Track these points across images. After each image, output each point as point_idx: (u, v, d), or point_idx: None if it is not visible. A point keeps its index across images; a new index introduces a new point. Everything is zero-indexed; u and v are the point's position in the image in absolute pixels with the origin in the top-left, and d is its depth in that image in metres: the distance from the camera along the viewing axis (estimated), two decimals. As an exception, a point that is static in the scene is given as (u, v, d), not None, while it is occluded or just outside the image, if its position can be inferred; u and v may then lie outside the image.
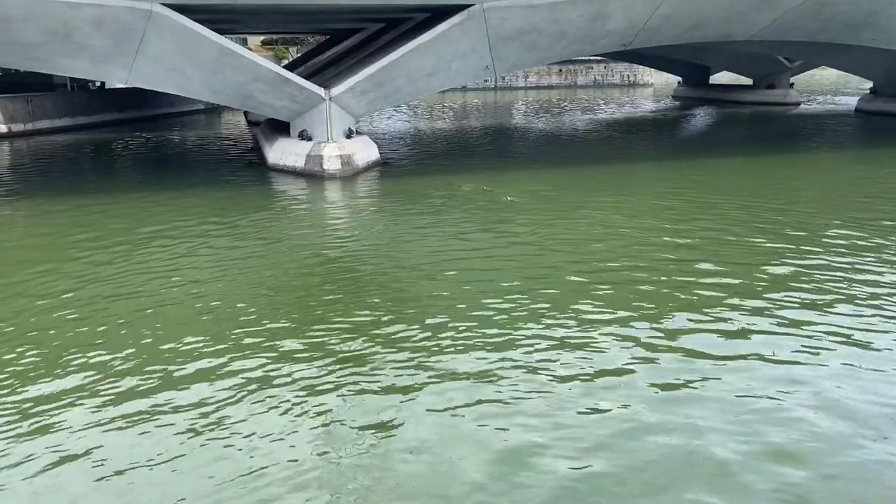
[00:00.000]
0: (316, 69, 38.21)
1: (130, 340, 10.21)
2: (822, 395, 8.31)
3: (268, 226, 17.91)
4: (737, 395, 8.32)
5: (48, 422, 8.00)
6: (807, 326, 10.36)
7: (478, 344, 9.89)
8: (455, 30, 24.16)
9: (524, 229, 16.83)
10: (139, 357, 9.65)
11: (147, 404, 8.36)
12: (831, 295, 11.63)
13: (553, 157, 29.71)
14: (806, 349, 9.61)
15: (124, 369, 9.28)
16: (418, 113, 52.48)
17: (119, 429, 7.82)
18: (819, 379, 8.73)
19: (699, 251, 14.47)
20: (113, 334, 10.48)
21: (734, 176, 24.02)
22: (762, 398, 8.25)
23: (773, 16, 28.11)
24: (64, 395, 8.63)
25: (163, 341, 10.18)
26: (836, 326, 10.33)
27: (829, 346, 9.68)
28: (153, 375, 9.09)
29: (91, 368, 9.31)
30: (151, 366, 9.36)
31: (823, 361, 9.24)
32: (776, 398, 8.25)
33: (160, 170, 28.22)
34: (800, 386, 8.55)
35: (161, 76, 23.44)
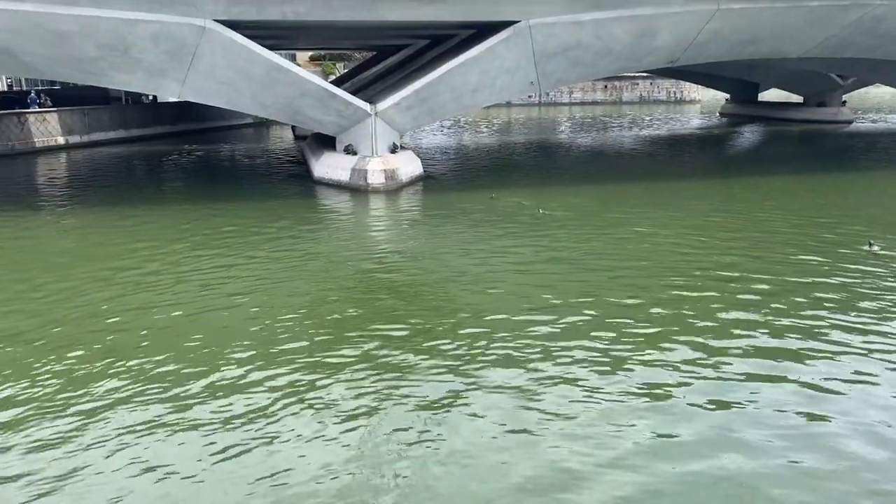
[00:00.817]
0: (362, 85, 38.72)
1: (174, 346, 10.42)
2: (864, 422, 8.05)
3: (312, 238, 18.16)
4: (776, 410, 8.13)
5: (94, 422, 8.20)
6: (856, 348, 10.07)
7: (516, 357, 9.83)
8: (500, 46, 24.25)
9: (566, 244, 16.72)
10: (181, 363, 9.84)
11: (185, 409, 8.50)
12: (882, 315, 11.28)
13: (597, 172, 29.52)
14: (853, 372, 9.33)
15: (165, 375, 9.47)
16: (462, 128, 52.71)
17: (160, 433, 7.98)
18: (863, 405, 8.47)
19: (745, 269, 14.17)
20: (157, 340, 10.70)
21: (783, 194, 23.52)
22: (801, 419, 8.04)
23: (827, 33, 27.56)
24: (108, 397, 8.84)
25: (204, 348, 10.36)
26: (885, 351, 10.01)
27: (879, 371, 9.39)
28: (193, 381, 9.25)
29: (133, 374, 9.52)
30: (192, 371, 9.53)
31: (869, 388, 8.95)
32: (816, 419, 8.04)
33: (209, 181, 28.85)
34: (840, 408, 8.31)
35: (212, 90, 24.02)
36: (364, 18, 23.61)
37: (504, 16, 23.71)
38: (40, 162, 34.37)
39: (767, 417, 8.17)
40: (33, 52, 21.84)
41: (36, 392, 9.03)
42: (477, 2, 23.04)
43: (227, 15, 21.65)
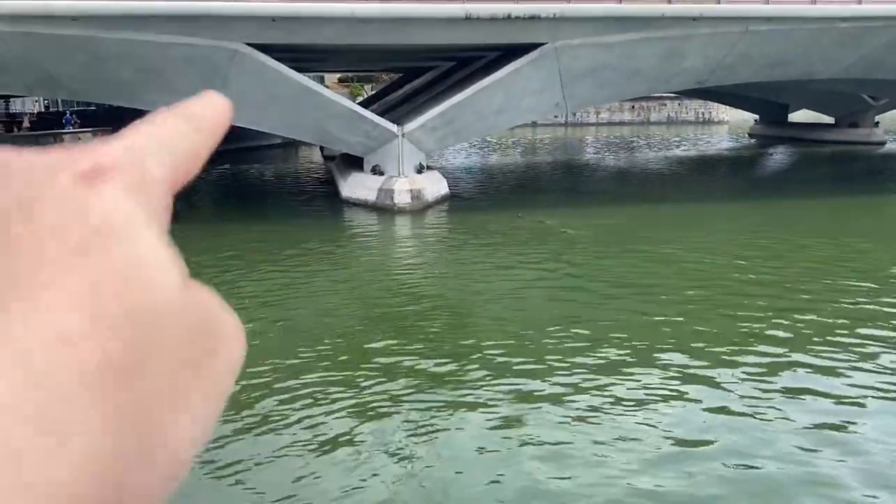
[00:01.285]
0: (389, 106, 39.07)
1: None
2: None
3: (338, 257, 18.28)
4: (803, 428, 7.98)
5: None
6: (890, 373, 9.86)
7: (539, 373, 9.77)
8: (526, 68, 24.36)
9: (591, 265, 16.63)
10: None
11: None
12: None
13: (625, 193, 29.35)
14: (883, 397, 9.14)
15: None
16: (488, 148, 52.84)
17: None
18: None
19: (774, 288, 13.97)
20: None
21: (815, 215, 23.19)
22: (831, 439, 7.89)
23: (858, 54, 27.28)
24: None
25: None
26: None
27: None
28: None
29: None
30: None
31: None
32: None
33: (239, 200, 29.21)
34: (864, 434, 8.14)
35: (243, 112, 24.38)
36: (393, 41, 23.90)
37: (531, 38, 23.83)
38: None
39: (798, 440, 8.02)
40: (72, 74, 22.43)
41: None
42: (504, 24, 23.20)
43: (259, 38, 22.05)
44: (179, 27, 21.23)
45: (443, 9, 22.94)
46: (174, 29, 21.23)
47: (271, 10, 21.69)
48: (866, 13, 25.33)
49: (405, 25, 23.00)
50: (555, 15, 23.16)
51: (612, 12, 23.79)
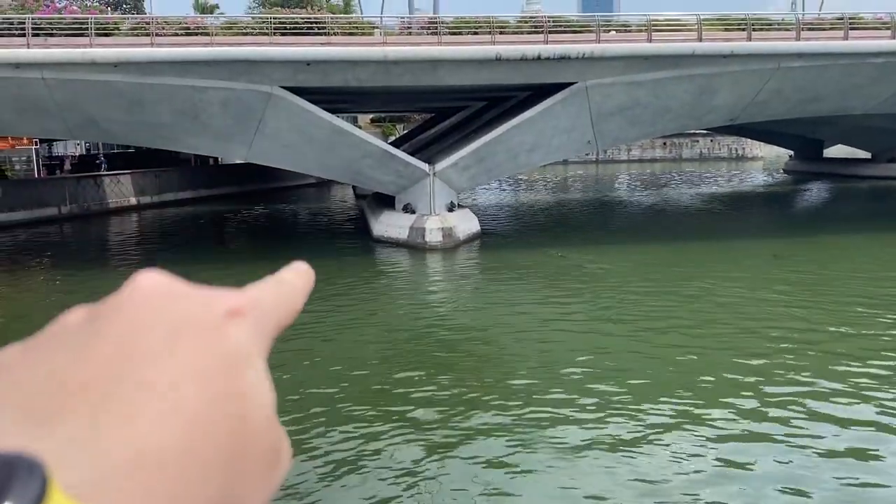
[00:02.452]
0: (420, 145, 39.48)
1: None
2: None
3: (367, 294, 18.33)
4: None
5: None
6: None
7: (579, 428, 9.62)
8: (557, 107, 24.50)
9: (624, 304, 16.44)
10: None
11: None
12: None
13: (657, 231, 29.09)
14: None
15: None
16: (519, 186, 52.98)
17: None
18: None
19: (811, 323, 13.65)
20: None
21: (853, 253, 22.70)
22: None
23: (893, 89, 26.97)
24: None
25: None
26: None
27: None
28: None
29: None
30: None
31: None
32: None
33: (273, 239, 29.58)
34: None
35: (277, 153, 24.88)
36: (424, 83, 24.27)
37: (562, 77, 24.02)
38: (113, 222, 35.90)
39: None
40: (113, 118, 23.11)
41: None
42: (534, 65, 23.44)
43: (293, 82, 22.55)
44: (217, 72, 21.83)
45: (474, 51, 23.28)
46: (212, 73, 21.83)
47: (306, 54, 22.21)
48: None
49: (436, 68, 23.36)
50: (584, 55, 23.35)
51: (641, 51, 23.92)
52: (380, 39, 23.91)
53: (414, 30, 25.94)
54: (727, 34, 25.24)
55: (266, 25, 23.27)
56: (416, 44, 23.65)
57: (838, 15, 27.14)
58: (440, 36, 23.80)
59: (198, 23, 24.32)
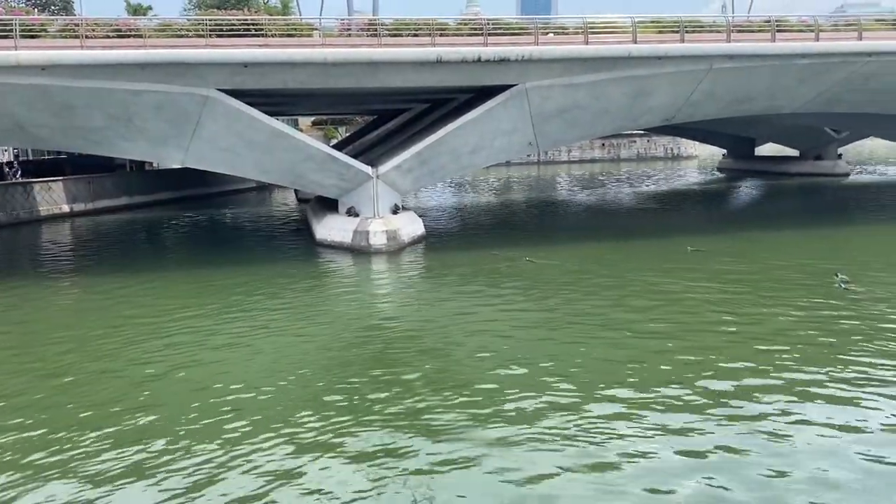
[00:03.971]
0: (363, 148, 39.28)
1: (153, 421, 10.25)
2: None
3: (311, 299, 18.12)
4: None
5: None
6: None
7: (517, 427, 9.69)
8: (498, 109, 24.69)
9: (565, 303, 16.66)
10: (169, 430, 9.69)
11: (159, 483, 8.33)
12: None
13: (598, 229, 29.62)
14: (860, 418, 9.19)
15: (143, 457, 9.28)
16: (463, 188, 53.23)
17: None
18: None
19: (740, 309, 14.11)
20: (136, 417, 10.52)
21: (788, 246, 23.53)
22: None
23: (818, 89, 28.07)
24: (72, 462, 8.68)
25: (199, 413, 10.20)
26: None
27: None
28: (183, 456, 9.08)
29: (107, 447, 9.36)
30: (181, 443, 9.38)
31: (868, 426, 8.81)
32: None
33: (212, 246, 28.97)
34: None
35: (215, 157, 24.38)
36: (365, 85, 24.13)
37: (502, 80, 24.22)
38: (44, 231, 34.60)
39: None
40: (42, 123, 22.29)
41: (20, 455, 8.88)
42: (475, 67, 23.55)
43: (230, 84, 22.15)
44: (151, 74, 21.26)
45: (414, 53, 23.26)
46: (145, 76, 21.25)
47: (243, 56, 21.84)
48: (823, 50, 26.13)
49: (376, 70, 23.26)
50: (523, 57, 23.60)
51: (579, 54, 24.30)
52: (319, 41, 23.64)
53: (353, 32, 25.73)
54: (661, 36, 25.84)
55: (201, 27, 22.76)
56: (355, 46, 23.49)
57: (766, 18, 28.06)
58: (380, 38, 23.70)
59: (130, 25, 23.59)
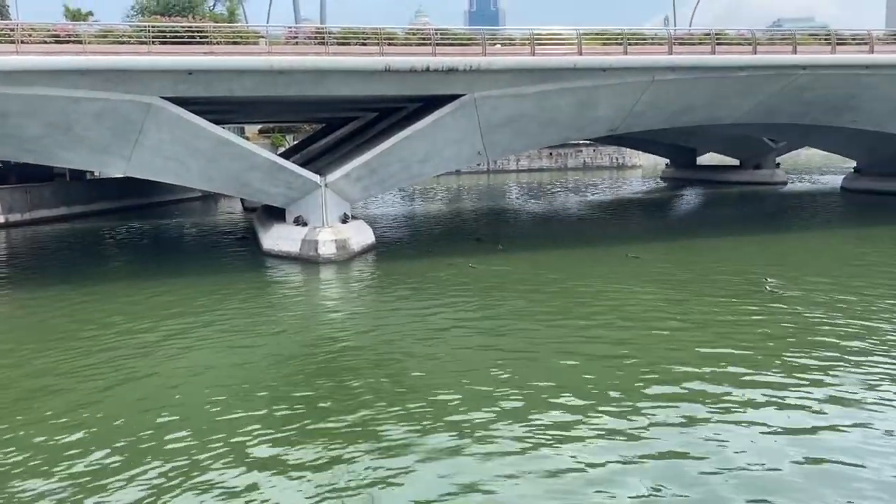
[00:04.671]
0: (312, 156, 38.95)
1: (93, 437, 9.90)
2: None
3: (257, 310, 17.77)
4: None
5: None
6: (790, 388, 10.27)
7: (462, 435, 9.71)
8: (447, 118, 24.82)
9: (514, 311, 16.80)
10: (94, 454, 9.37)
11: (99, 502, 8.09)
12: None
13: (546, 237, 29.95)
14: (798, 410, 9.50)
15: (84, 473, 9.00)
16: (413, 197, 53.24)
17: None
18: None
19: (697, 327, 14.44)
20: (75, 433, 10.18)
21: (727, 252, 24.17)
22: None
23: (756, 100, 29.01)
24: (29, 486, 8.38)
25: (133, 428, 9.94)
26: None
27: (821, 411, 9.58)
28: (123, 475, 8.84)
29: (43, 464, 9.06)
30: (121, 460, 9.12)
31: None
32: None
33: (154, 257, 28.30)
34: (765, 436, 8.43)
35: (159, 166, 23.86)
36: (313, 93, 23.98)
37: (450, 90, 24.36)
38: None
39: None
40: (-28, 131, 21.49)
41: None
42: (424, 77, 23.64)
43: (174, 92, 21.74)
44: (91, 81, 20.73)
45: (362, 62, 23.23)
46: (86, 83, 20.70)
47: (187, 64, 21.47)
48: (760, 62, 27.06)
49: (324, 78, 23.15)
50: (471, 67, 23.79)
51: (526, 65, 24.63)
52: (265, 49, 23.39)
53: (301, 40, 25.55)
54: (606, 48, 26.38)
55: (144, 34, 22.28)
56: (303, 54, 23.32)
57: (706, 31, 28.90)
58: (328, 46, 23.59)
59: (69, 30, 22.92)
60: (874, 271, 20.62)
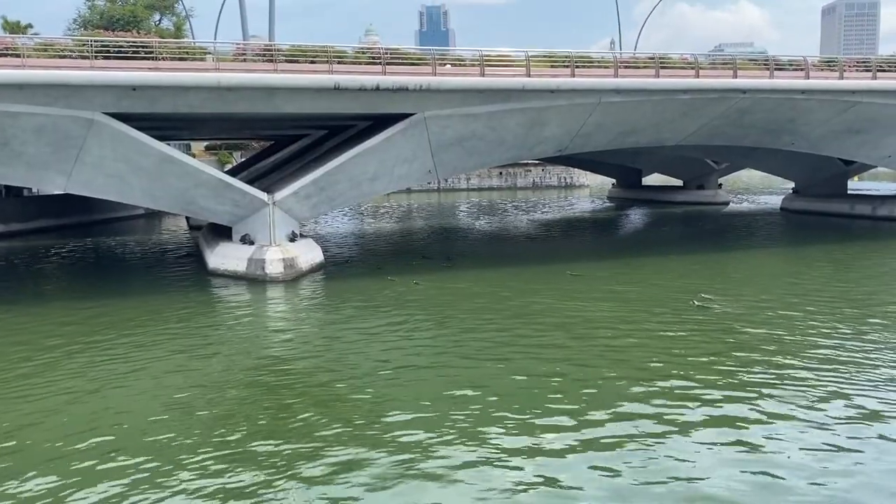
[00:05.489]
0: (259, 174, 38.48)
1: (25, 465, 9.50)
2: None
3: (200, 334, 17.22)
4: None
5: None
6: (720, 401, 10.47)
7: (412, 457, 9.61)
8: (398, 136, 24.83)
9: (458, 330, 16.77)
10: (25, 483, 8.98)
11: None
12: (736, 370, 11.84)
13: (493, 256, 30.10)
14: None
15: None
16: (364, 215, 53.00)
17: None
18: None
19: (637, 345, 14.64)
20: (6, 461, 9.78)
21: (669, 270, 24.65)
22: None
23: (699, 122, 29.83)
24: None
25: (57, 461, 9.55)
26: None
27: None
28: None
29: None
30: (38, 494, 8.75)
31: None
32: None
33: (95, 277, 27.42)
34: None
35: (100, 183, 23.21)
36: (261, 111, 23.72)
37: (401, 108, 24.40)
38: None
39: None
40: None
41: None
42: (374, 95, 23.63)
43: (117, 108, 21.25)
44: (30, 96, 20.13)
45: (312, 79, 23.10)
46: (24, 98, 20.09)
47: (131, 79, 21.02)
48: (702, 86, 27.86)
49: (273, 95, 22.93)
50: (421, 87, 23.88)
51: (475, 85, 24.85)
52: (213, 65, 23.09)
53: (249, 56, 25.32)
54: (554, 70, 26.83)
55: (87, 48, 21.75)
56: (251, 70, 23.08)
57: (650, 55, 29.66)
58: (276, 63, 23.41)
59: (6, 43, 22.26)
60: (809, 289, 21.28)
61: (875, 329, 15.86)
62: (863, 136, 33.38)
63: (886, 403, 11.23)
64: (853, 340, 14.89)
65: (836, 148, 34.83)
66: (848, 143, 33.91)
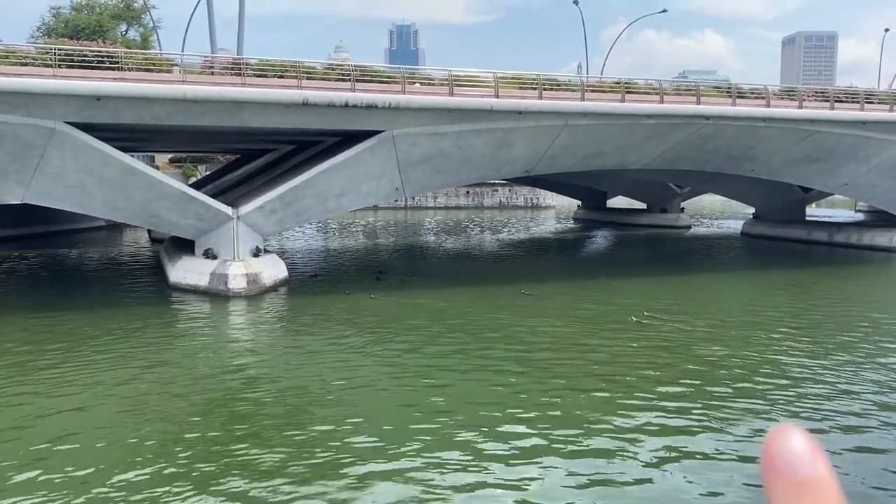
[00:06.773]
0: (224, 188, 38.06)
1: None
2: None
3: (159, 349, 16.91)
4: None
5: None
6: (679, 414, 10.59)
7: (379, 454, 9.53)
8: (366, 153, 24.81)
9: (417, 346, 16.75)
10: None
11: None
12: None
13: (455, 274, 30.12)
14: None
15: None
16: (330, 231, 52.72)
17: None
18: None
19: (593, 362, 14.75)
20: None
21: (628, 290, 24.93)
22: None
23: (663, 147, 30.36)
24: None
25: (10, 479, 9.28)
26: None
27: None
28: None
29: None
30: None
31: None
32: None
33: (52, 289, 26.78)
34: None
35: (60, 193, 22.76)
36: (228, 124, 23.52)
37: (370, 125, 24.40)
38: None
39: None
40: None
41: None
42: (342, 112, 23.61)
43: (80, 117, 20.91)
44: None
45: (280, 94, 23.00)
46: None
47: (95, 89, 20.71)
48: (667, 111, 28.40)
49: (240, 109, 22.77)
50: (390, 105, 23.95)
51: (444, 104, 24.99)
52: (179, 77, 22.87)
53: (217, 69, 25.15)
54: (522, 92, 27.12)
55: (50, 56, 21.41)
56: (219, 83, 22.92)
57: (616, 79, 30.18)
58: (244, 77, 23.28)
59: (-34, 48, 21.83)
60: (766, 310, 21.69)
61: (829, 350, 16.22)
62: (820, 165, 34.29)
63: (827, 418, 11.50)
64: (807, 358, 15.22)
65: (794, 175, 35.70)
66: (806, 170, 34.79)
